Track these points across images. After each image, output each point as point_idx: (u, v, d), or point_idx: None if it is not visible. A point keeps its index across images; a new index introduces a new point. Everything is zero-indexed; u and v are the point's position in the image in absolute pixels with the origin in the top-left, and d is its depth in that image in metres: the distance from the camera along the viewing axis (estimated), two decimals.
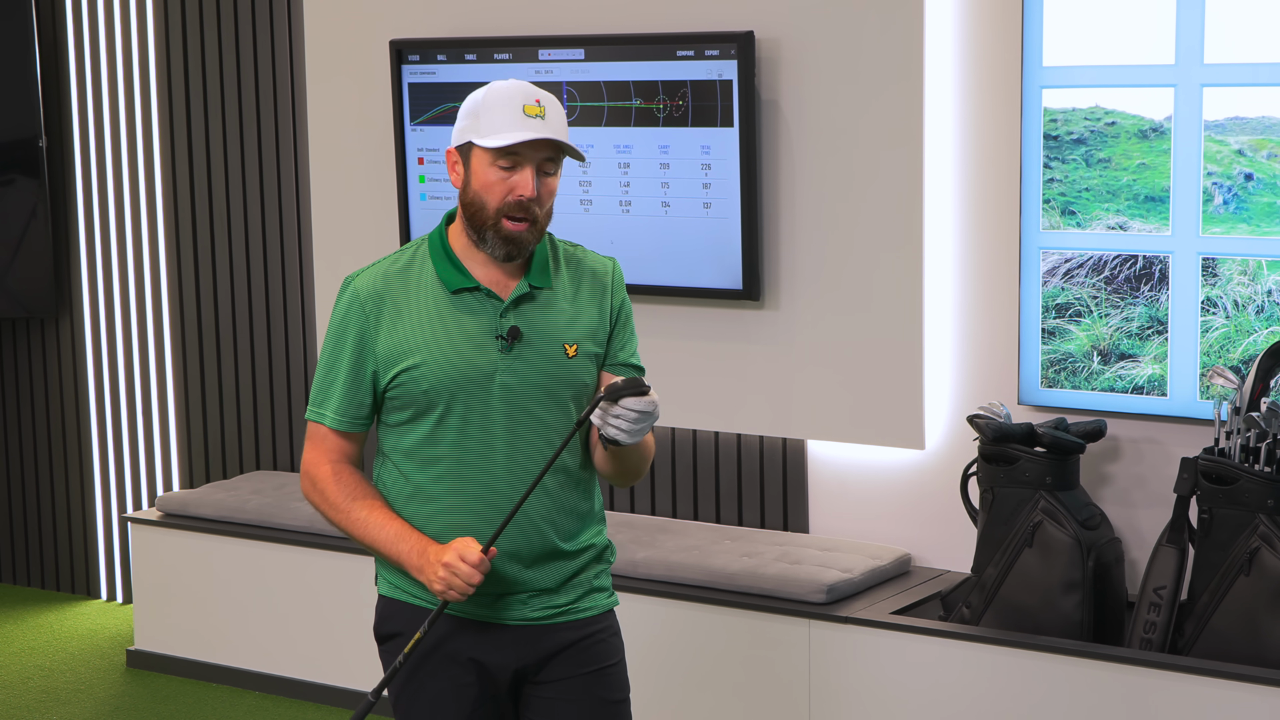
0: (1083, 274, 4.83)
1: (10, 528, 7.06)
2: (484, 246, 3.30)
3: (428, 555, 3.26)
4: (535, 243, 3.31)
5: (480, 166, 3.28)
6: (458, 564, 3.20)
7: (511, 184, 3.26)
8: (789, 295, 5.22)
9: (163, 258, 6.54)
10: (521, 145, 3.24)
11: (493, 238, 3.28)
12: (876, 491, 5.28)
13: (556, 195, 3.35)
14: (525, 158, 3.26)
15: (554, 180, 3.30)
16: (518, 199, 3.26)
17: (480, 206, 3.28)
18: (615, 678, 3.44)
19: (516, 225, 3.27)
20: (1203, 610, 4.45)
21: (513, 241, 3.28)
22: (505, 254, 3.29)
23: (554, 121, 3.26)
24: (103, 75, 6.61)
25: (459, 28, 5.66)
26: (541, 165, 3.27)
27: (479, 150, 3.27)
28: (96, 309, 6.73)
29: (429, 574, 3.25)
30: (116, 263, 6.65)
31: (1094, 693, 4.44)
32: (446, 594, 3.22)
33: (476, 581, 3.21)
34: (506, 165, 3.26)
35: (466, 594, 3.22)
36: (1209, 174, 4.64)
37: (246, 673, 5.90)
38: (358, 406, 3.35)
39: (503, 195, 3.26)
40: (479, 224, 3.29)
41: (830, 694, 4.82)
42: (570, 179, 5.38)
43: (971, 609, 4.74)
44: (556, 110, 3.29)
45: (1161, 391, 4.77)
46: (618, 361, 3.43)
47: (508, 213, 3.26)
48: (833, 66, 5.09)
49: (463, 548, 3.21)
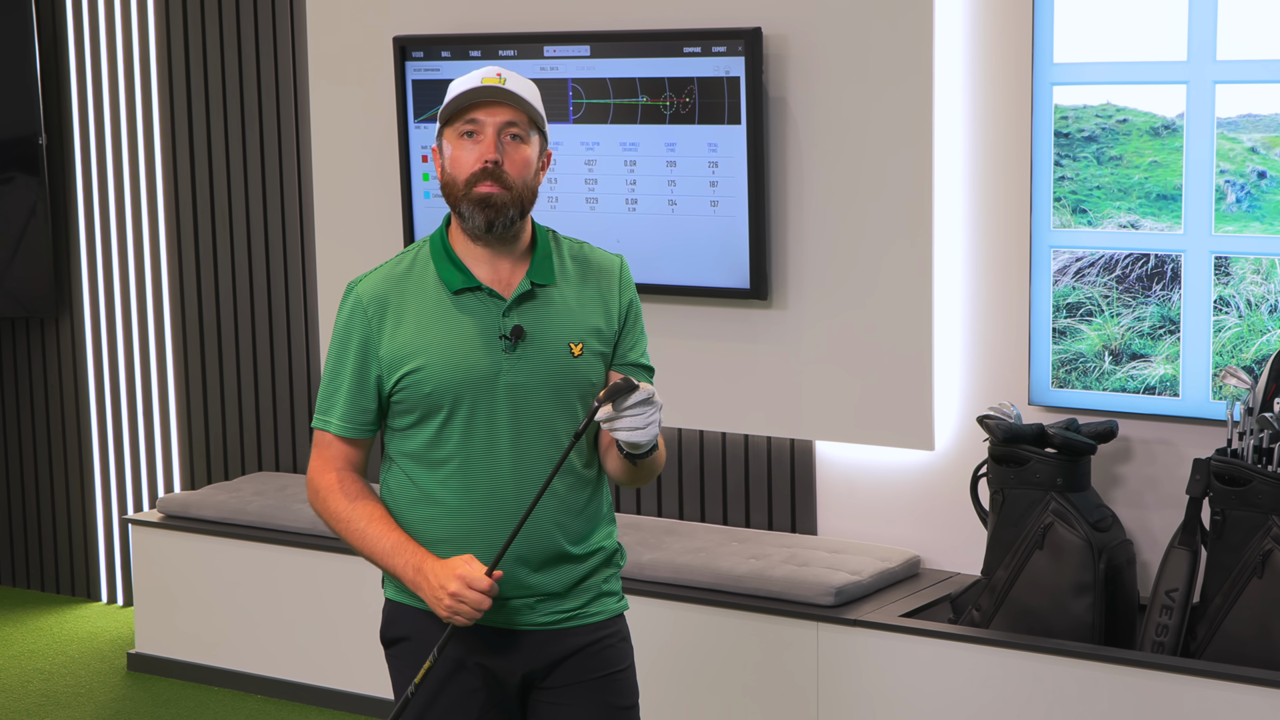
0: (1094, 273, 4.84)
1: (9, 529, 7.08)
2: (466, 225, 3.31)
3: (424, 572, 3.26)
4: (514, 209, 3.29)
5: (449, 144, 3.32)
6: (465, 592, 3.20)
7: (478, 151, 3.29)
8: (797, 294, 5.23)
9: (163, 256, 6.56)
10: (479, 110, 3.28)
11: (468, 209, 3.29)
12: (885, 493, 5.29)
13: (564, 192, 3.36)
14: (485, 124, 3.29)
15: (525, 149, 3.31)
16: (482, 165, 3.27)
17: (452, 183, 3.32)
18: (624, 683, 3.45)
19: (487, 187, 3.28)
20: (1215, 613, 4.45)
21: (486, 204, 3.28)
22: (484, 221, 3.29)
23: (515, 87, 3.30)
24: (103, 72, 6.62)
25: (463, 24, 5.67)
26: (505, 131, 3.29)
27: (446, 131, 3.33)
28: (97, 308, 6.74)
29: (427, 594, 3.25)
30: (117, 261, 6.66)
31: (1105, 696, 4.45)
32: (453, 619, 3.23)
33: (485, 607, 3.22)
34: (469, 131, 3.29)
35: (475, 619, 3.23)
36: (1221, 172, 4.65)
37: (249, 676, 5.91)
38: (363, 412, 3.37)
39: (470, 165, 3.29)
40: (454, 201, 3.31)
41: (839, 698, 4.83)
42: (575, 177, 5.39)
43: (982, 611, 4.74)
44: (520, 82, 3.33)
45: (1174, 392, 4.78)
46: (627, 362, 3.43)
47: (475, 181, 3.28)
48: (841, 63, 5.10)
49: (467, 572, 3.21)
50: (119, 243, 6.65)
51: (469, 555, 3.26)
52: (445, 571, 3.23)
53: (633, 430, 3.20)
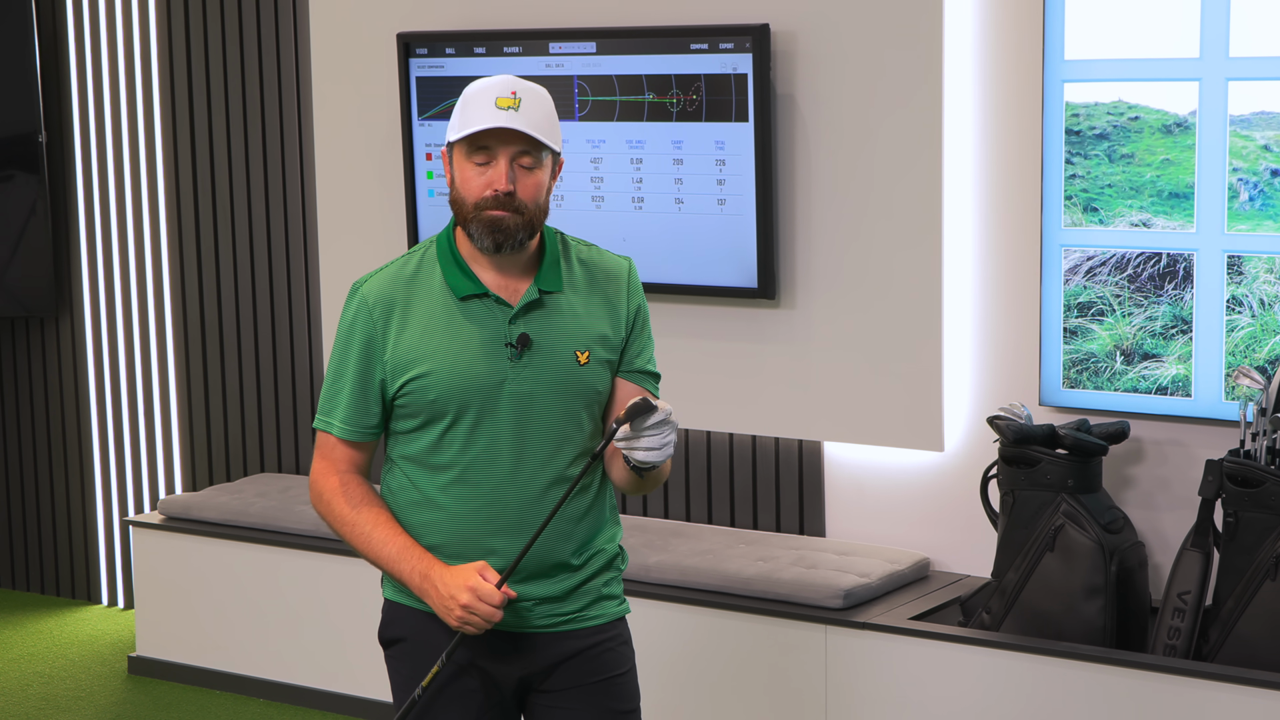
0: (1105, 272, 4.85)
1: (9, 531, 7.09)
2: (474, 243, 3.31)
3: (431, 579, 3.27)
4: (524, 231, 3.29)
5: (459, 162, 3.31)
6: (476, 604, 3.21)
7: (488, 179, 3.27)
8: (805, 294, 5.24)
9: (165, 255, 6.57)
10: (491, 139, 3.26)
11: (477, 230, 3.29)
12: (894, 494, 5.30)
13: (570, 191, 3.36)
14: (497, 151, 3.27)
15: (537, 174, 3.30)
16: (493, 193, 3.27)
17: (461, 202, 3.31)
18: (624, 687, 3.45)
19: (498, 213, 3.27)
20: (1228, 616, 4.46)
21: (496, 228, 3.28)
22: (493, 244, 3.29)
23: (528, 113, 3.26)
24: (103, 68, 6.63)
25: (467, 20, 5.68)
26: (517, 159, 3.28)
27: (457, 146, 3.31)
28: (97, 307, 6.76)
29: (436, 602, 3.26)
30: (118, 260, 6.67)
31: (1116, 700, 4.46)
32: (464, 629, 3.25)
33: (497, 620, 3.24)
34: (481, 160, 3.28)
35: (484, 630, 3.25)
36: (1234, 170, 4.66)
37: (251, 680, 5.92)
38: (366, 415, 3.37)
39: (480, 190, 3.28)
40: (463, 219, 3.31)
41: (847, 702, 4.84)
42: (581, 175, 5.40)
43: (992, 614, 4.75)
44: (535, 103, 3.28)
45: (1186, 392, 4.79)
46: (634, 369, 3.43)
47: (486, 206, 3.27)
48: (850, 60, 5.11)
49: (478, 584, 3.22)
50: (120, 241, 6.66)
51: (482, 563, 3.28)
52: (456, 581, 3.24)
53: (649, 451, 3.22)
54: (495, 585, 3.23)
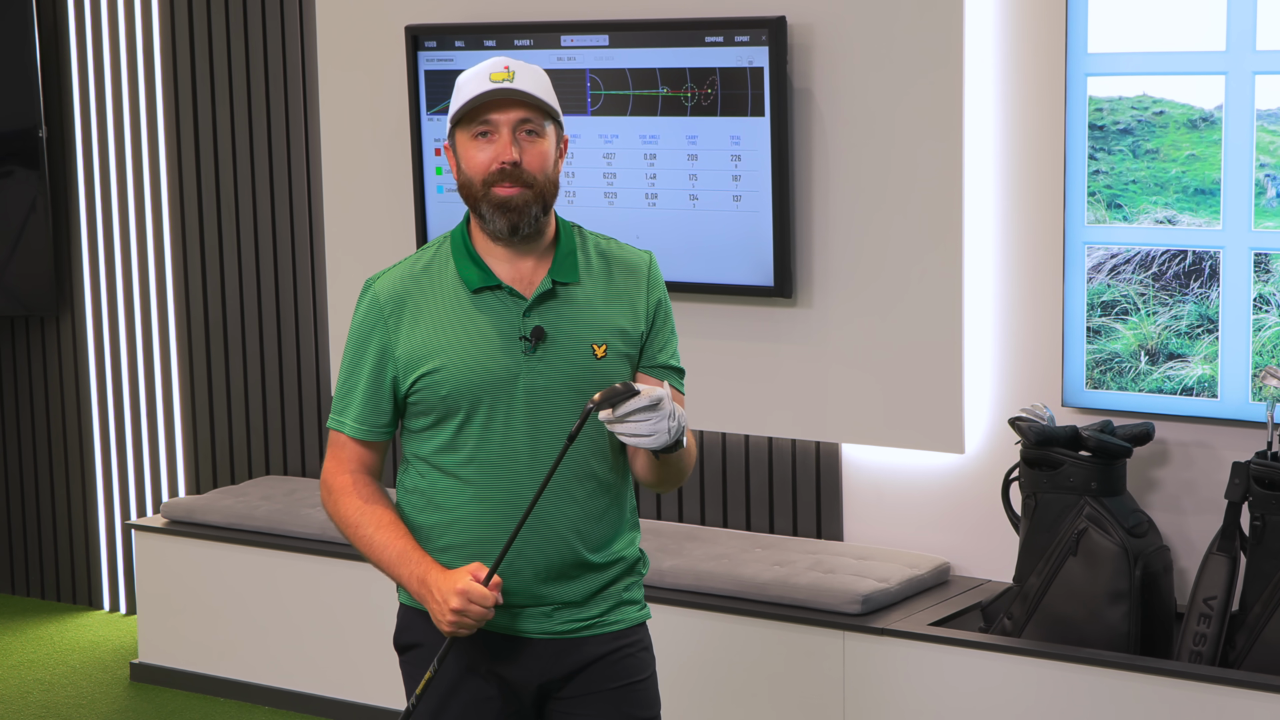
0: (1129, 270, 4.87)
1: (9, 535, 7.11)
2: (487, 227, 3.33)
3: (428, 584, 3.29)
4: (537, 205, 3.32)
5: (463, 146, 3.34)
6: (468, 607, 3.23)
7: (493, 152, 3.30)
8: (822, 292, 5.26)
9: (168, 253, 6.59)
10: (492, 111, 3.29)
11: (489, 212, 3.31)
12: (914, 497, 5.31)
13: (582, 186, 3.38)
14: (499, 123, 3.30)
15: (541, 143, 3.32)
16: (500, 166, 3.29)
17: (469, 184, 3.33)
18: (644, 693, 3.46)
19: (507, 189, 3.30)
20: (1255, 621, 4.47)
21: (508, 208, 3.30)
22: (508, 225, 3.31)
23: (524, 81, 3.30)
24: (105, 63, 6.66)
25: (477, 13, 5.70)
26: (519, 128, 3.31)
27: (459, 131, 3.34)
28: (99, 307, 6.77)
29: (431, 607, 3.28)
30: (120, 258, 6.69)
31: (1141, 707, 4.47)
32: (456, 633, 3.27)
33: (490, 617, 3.25)
34: (483, 132, 3.31)
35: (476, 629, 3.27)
36: (1261, 165, 4.68)
37: (255, 686, 5.94)
38: (378, 414, 3.39)
39: (485, 165, 3.30)
40: (474, 203, 3.33)
41: (866, 709, 4.86)
42: (594, 170, 5.42)
43: (1013, 620, 4.77)
44: (530, 74, 3.32)
45: (1212, 393, 4.80)
46: (656, 364, 3.43)
47: (493, 182, 3.30)
48: (868, 53, 5.12)
49: (468, 587, 3.23)
50: (121, 239, 6.68)
51: (476, 564, 3.29)
52: (448, 586, 3.25)
53: (636, 437, 3.19)
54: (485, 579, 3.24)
